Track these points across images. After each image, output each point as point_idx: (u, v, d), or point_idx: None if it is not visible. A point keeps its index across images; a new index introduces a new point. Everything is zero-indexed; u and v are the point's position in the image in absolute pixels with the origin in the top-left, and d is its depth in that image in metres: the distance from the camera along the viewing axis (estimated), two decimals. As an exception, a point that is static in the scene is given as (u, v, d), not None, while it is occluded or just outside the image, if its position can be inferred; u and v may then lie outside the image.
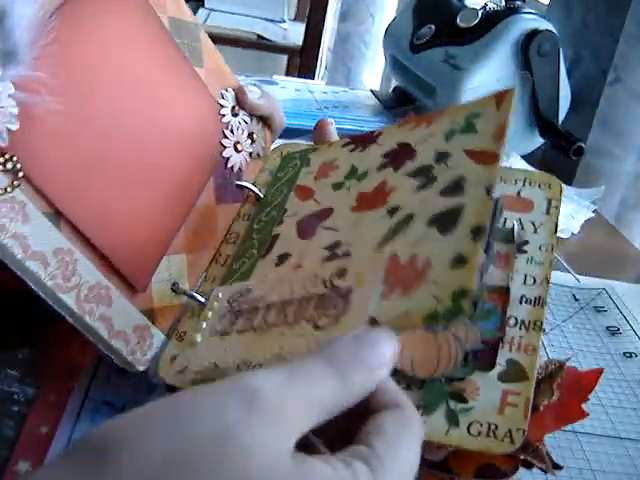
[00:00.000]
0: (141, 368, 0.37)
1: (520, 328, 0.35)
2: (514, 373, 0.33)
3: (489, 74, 0.83)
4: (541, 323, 0.35)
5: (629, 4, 0.80)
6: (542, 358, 0.37)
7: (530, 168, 0.80)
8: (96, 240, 0.36)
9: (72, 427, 0.36)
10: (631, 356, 0.50)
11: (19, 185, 0.32)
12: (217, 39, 0.48)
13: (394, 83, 1.14)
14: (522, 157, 0.82)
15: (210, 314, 0.38)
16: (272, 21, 2.26)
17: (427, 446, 0.31)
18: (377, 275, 0.31)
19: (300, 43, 2.06)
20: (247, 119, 0.48)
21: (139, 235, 0.38)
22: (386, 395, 0.27)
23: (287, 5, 2.32)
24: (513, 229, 0.40)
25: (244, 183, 0.46)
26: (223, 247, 0.44)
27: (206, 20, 2.14)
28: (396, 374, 0.32)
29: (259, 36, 2.10)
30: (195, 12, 2.12)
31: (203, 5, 2.27)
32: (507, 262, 0.39)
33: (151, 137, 0.40)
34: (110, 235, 0.36)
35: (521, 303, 0.37)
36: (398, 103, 1.02)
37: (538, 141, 0.89)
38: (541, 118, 0.86)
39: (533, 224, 0.41)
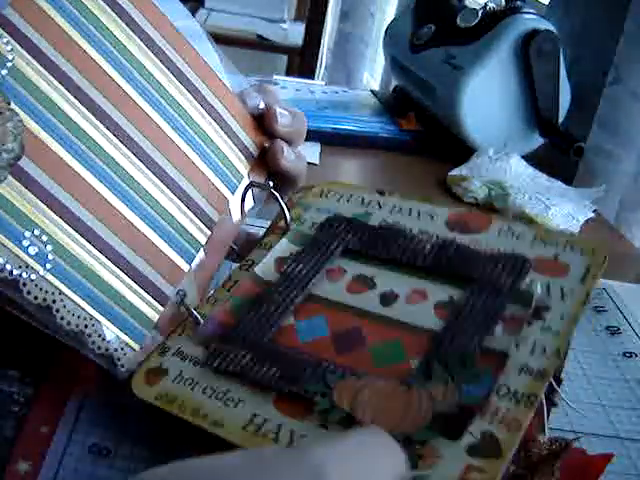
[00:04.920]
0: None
1: (510, 400, 0.32)
2: (486, 447, 0.30)
3: (489, 74, 0.83)
4: (535, 398, 0.31)
5: (629, 4, 0.80)
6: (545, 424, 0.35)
7: (530, 168, 0.80)
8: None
9: (72, 427, 0.36)
10: (631, 356, 0.50)
11: None
12: (217, 39, 0.48)
13: (394, 83, 1.14)
14: (522, 157, 0.82)
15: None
16: (272, 21, 2.26)
17: None
18: None
19: (300, 43, 2.07)
20: None
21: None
22: None
23: (287, 5, 2.32)
24: (533, 292, 0.37)
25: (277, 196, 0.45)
26: (235, 272, 0.43)
27: (206, 20, 2.14)
28: (351, 423, 0.31)
29: (259, 36, 2.10)
30: (195, 12, 2.12)
31: (203, 5, 2.27)
32: (516, 327, 0.35)
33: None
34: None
35: (520, 373, 0.33)
36: (398, 103, 1.02)
37: (538, 141, 0.89)
38: (541, 118, 0.86)
39: (562, 290, 0.37)
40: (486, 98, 0.84)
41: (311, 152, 0.83)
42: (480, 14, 0.86)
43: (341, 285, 0.41)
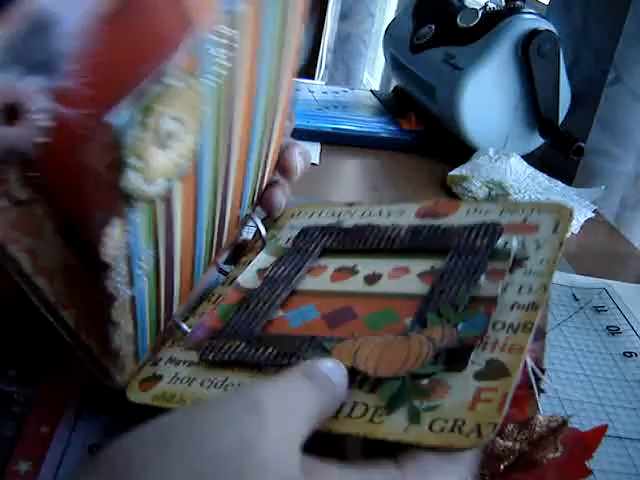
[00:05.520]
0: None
1: (507, 331, 0.32)
2: (493, 371, 0.30)
3: (489, 74, 0.83)
4: (532, 325, 0.32)
5: (629, 4, 0.80)
6: (542, 403, 0.36)
7: (530, 168, 0.80)
8: None
9: (72, 427, 0.36)
10: (631, 356, 0.50)
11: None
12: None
13: (394, 83, 1.14)
14: (522, 157, 0.82)
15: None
16: (272, 21, 2.26)
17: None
18: None
19: (300, 43, 2.06)
20: None
21: None
22: None
23: (287, 5, 2.32)
24: (510, 248, 0.38)
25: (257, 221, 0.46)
26: (218, 288, 0.43)
27: (206, 20, 2.13)
28: (356, 375, 0.31)
29: (259, 36, 2.09)
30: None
31: (203, 5, 2.26)
32: (500, 277, 0.36)
33: None
34: None
35: (512, 309, 0.34)
36: (398, 103, 1.02)
37: (538, 141, 0.89)
38: (541, 118, 0.86)
39: (537, 242, 0.38)
40: (486, 98, 0.84)
41: (311, 152, 0.83)
42: (480, 14, 0.86)
43: (325, 277, 0.41)
